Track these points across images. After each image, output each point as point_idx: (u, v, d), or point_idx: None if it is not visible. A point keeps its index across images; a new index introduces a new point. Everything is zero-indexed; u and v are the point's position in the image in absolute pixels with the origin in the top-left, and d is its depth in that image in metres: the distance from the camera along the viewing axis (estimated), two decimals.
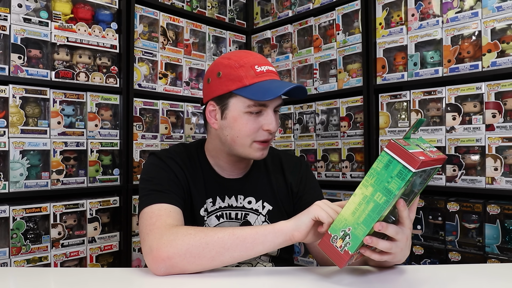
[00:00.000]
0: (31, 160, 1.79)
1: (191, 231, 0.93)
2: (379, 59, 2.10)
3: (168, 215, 1.02)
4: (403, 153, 0.73)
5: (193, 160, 1.21)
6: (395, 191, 0.74)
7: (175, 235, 0.92)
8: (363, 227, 0.78)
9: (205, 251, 0.89)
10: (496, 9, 1.73)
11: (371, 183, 0.77)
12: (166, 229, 0.95)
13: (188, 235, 0.91)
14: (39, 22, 1.80)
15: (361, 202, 0.79)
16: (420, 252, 1.91)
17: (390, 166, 0.74)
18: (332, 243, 0.81)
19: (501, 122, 1.71)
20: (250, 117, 1.10)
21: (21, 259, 1.71)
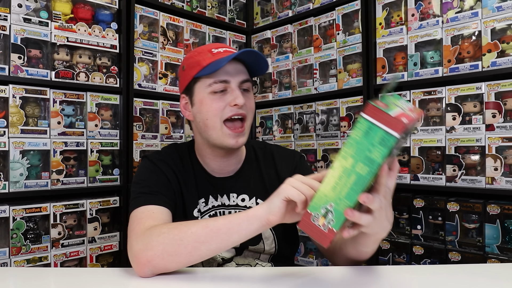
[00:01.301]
0: (31, 160, 1.79)
1: (165, 229, 0.91)
2: (379, 59, 2.10)
3: (150, 216, 1.01)
4: (384, 117, 0.65)
5: (185, 161, 1.21)
6: (379, 160, 0.68)
7: (149, 237, 0.91)
8: (346, 201, 0.72)
9: (180, 248, 0.87)
10: (496, 9, 1.73)
11: (351, 153, 0.68)
12: (142, 233, 0.94)
13: (161, 234, 0.90)
14: (39, 22, 1.80)
15: (341, 175, 0.70)
16: (420, 252, 1.91)
17: (371, 133, 0.66)
18: (314, 222, 0.74)
19: (501, 122, 1.71)
20: (215, 96, 1.09)
21: (21, 259, 1.71)
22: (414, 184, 1.95)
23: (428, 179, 1.90)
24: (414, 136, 1.95)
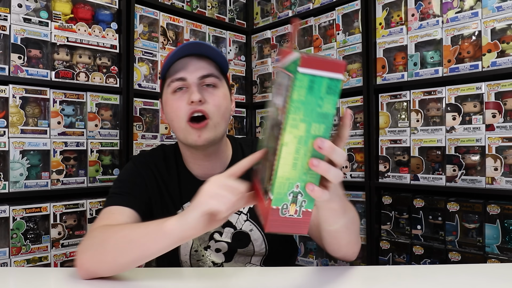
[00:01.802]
0: (31, 160, 1.79)
1: (97, 233, 0.89)
2: (379, 59, 2.10)
3: (108, 217, 1.00)
4: (322, 64, 0.59)
5: (170, 164, 1.17)
6: (332, 111, 0.61)
7: (84, 242, 0.90)
8: (312, 173, 0.63)
9: (103, 256, 0.85)
10: (496, 9, 1.73)
11: (300, 118, 0.60)
12: (87, 234, 0.93)
13: (92, 238, 0.89)
14: (39, 22, 1.80)
15: (298, 147, 0.61)
16: (420, 252, 1.91)
17: (315, 87, 0.59)
18: (284, 216, 0.64)
19: (501, 122, 1.71)
20: (175, 96, 1.05)
21: (21, 259, 1.71)
22: (414, 184, 1.95)
23: (428, 179, 1.90)
24: (414, 136, 1.95)
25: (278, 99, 0.64)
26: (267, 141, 0.70)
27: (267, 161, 0.67)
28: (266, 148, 0.70)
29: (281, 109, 0.62)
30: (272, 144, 0.65)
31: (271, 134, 0.66)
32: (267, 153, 0.69)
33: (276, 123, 0.64)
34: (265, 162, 0.69)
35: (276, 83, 0.68)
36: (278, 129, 0.62)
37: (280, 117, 0.62)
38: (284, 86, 0.62)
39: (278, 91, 0.66)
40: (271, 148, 0.66)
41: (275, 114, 0.65)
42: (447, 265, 1.65)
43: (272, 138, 0.65)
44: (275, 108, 0.65)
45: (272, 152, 0.64)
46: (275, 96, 0.67)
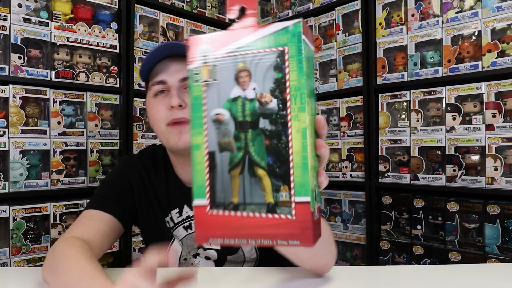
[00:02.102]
0: (31, 160, 1.79)
1: (58, 254, 0.88)
2: (379, 59, 2.10)
3: (86, 222, 0.99)
4: (307, 31, 0.53)
5: (159, 167, 1.13)
6: (314, 86, 0.55)
7: (47, 257, 0.91)
8: (315, 162, 0.55)
9: (51, 285, 0.87)
10: (496, 9, 1.73)
11: (308, 94, 0.51)
12: (57, 243, 0.92)
13: (53, 258, 0.89)
14: (39, 22, 1.80)
15: (312, 129, 0.52)
16: (420, 252, 1.91)
17: (311, 58, 0.53)
18: (316, 219, 0.53)
19: (501, 122, 1.71)
20: (156, 99, 1.01)
21: (21, 259, 1.71)
22: (414, 184, 1.95)
23: (428, 179, 1.90)
24: (414, 136, 1.95)
25: (250, 86, 0.52)
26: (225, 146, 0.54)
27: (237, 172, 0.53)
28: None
29: (266, 95, 0.51)
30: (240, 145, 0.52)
31: (242, 135, 0.52)
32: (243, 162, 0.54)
33: (256, 114, 0.52)
34: (234, 178, 0.53)
35: (240, 67, 0.52)
36: (271, 119, 0.50)
37: (271, 105, 0.50)
38: (266, 65, 0.51)
39: (243, 76, 0.52)
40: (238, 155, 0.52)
41: (249, 106, 0.52)
42: (447, 265, 1.65)
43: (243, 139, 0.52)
44: (245, 99, 0.52)
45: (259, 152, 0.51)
46: (238, 84, 0.52)
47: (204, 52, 0.53)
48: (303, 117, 0.50)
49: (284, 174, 0.50)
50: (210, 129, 0.52)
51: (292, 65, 0.49)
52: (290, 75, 0.50)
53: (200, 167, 0.52)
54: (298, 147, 0.50)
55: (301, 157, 0.50)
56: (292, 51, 0.49)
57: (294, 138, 0.50)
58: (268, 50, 0.51)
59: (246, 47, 0.51)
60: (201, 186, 0.52)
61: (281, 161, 0.50)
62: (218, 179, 0.52)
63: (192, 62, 0.54)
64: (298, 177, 0.50)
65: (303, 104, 0.50)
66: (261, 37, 0.51)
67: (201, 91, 0.52)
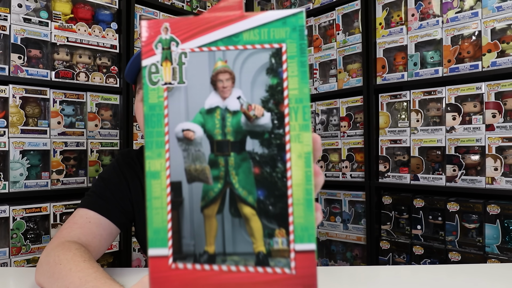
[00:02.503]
0: (31, 160, 1.79)
1: (54, 259, 0.86)
2: (379, 59, 2.10)
3: (82, 225, 0.97)
4: None
5: None
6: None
7: (41, 262, 0.89)
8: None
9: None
10: (496, 9, 1.73)
11: (302, 124, 0.38)
12: (55, 245, 0.91)
13: (47, 263, 0.87)
14: (39, 22, 1.80)
15: (307, 169, 0.39)
16: (420, 252, 1.91)
17: (306, 56, 0.38)
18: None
19: (501, 122, 1.71)
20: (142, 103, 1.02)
21: (21, 259, 1.71)
22: (414, 184, 1.95)
23: (428, 179, 1.90)
24: (414, 136, 1.95)
25: (233, 93, 0.39)
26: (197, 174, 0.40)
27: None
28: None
29: (255, 106, 0.39)
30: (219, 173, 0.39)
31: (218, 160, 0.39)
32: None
33: (244, 130, 0.39)
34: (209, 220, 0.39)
35: (219, 67, 0.39)
36: (263, 139, 0.38)
37: (262, 120, 0.38)
38: (256, 66, 0.39)
39: (223, 80, 0.39)
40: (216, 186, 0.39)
41: (232, 121, 0.39)
42: (447, 265, 1.65)
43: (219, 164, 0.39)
44: (225, 112, 0.39)
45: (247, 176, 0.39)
46: (217, 92, 0.39)
47: (166, 43, 0.39)
48: (306, 138, 0.38)
49: (280, 213, 0.38)
50: (174, 151, 0.38)
51: (292, 68, 0.38)
52: (290, 81, 0.38)
53: (158, 203, 0.38)
54: (300, 178, 0.38)
55: (303, 191, 0.38)
56: (292, 50, 0.38)
57: (295, 166, 0.38)
58: (258, 46, 0.38)
59: (228, 39, 0.38)
60: (160, 230, 0.38)
61: (276, 196, 0.38)
62: (186, 220, 0.38)
63: (147, 57, 0.39)
64: (300, 217, 0.38)
65: (307, 121, 0.38)
66: (249, 28, 0.38)
67: (161, 98, 0.38)
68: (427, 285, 0.90)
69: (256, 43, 0.38)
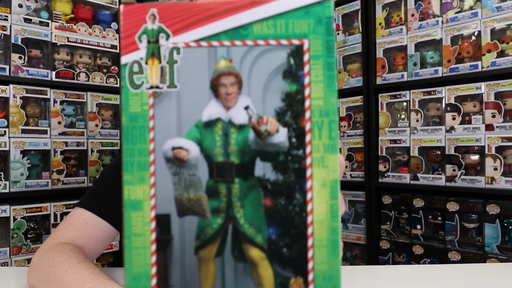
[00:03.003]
0: (31, 160, 1.79)
1: (47, 261, 0.84)
2: (379, 59, 2.10)
3: (78, 227, 0.95)
4: None
5: None
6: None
7: (33, 264, 0.87)
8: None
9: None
10: (495, 9, 1.73)
11: (328, 144, 0.30)
12: (44, 250, 0.88)
13: (40, 267, 0.85)
14: (39, 22, 1.81)
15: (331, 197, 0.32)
16: (420, 252, 1.91)
17: (335, 56, 0.32)
18: None
19: (501, 122, 1.71)
20: None
21: (22, 258, 1.72)
22: (414, 184, 1.96)
23: (428, 179, 1.90)
24: (414, 136, 1.96)
25: (239, 102, 0.31)
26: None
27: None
28: None
29: (268, 119, 0.30)
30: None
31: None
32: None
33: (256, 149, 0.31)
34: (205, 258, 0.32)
35: (222, 67, 0.31)
36: (277, 162, 0.31)
37: (276, 138, 0.31)
38: (269, 68, 0.31)
39: (227, 85, 0.31)
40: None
41: (238, 138, 0.31)
42: (446, 264, 1.65)
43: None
44: (229, 125, 0.31)
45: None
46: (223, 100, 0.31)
47: (153, 35, 0.31)
48: (332, 162, 0.30)
49: (296, 257, 0.30)
50: (162, 175, 0.30)
51: (316, 72, 0.30)
52: (313, 88, 0.30)
53: (139, 241, 0.30)
54: (324, 213, 0.30)
55: (327, 230, 0.30)
56: (317, 48, 0.30)
57: (317, 197, 0.30)
58: (273, 42, 0.30)
59: (234, 32, 0.30)
60: (141, 276, 0.30)
61: (293, 235, 0.30)
62: (175, 265, 0.30)
63: (128, 52, 0.31)
64: (322, 263, 0.30)
65: (334, 140, 0.30)
66: (262, 18, 0.30)
67: (146, 106, 0.30)
68: (427, 284, 0.90)
69: (270, 38, 0.30)
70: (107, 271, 1.11)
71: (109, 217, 0.98)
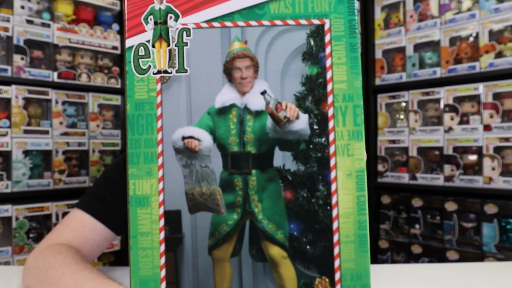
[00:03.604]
0: (33, 160, 1.80)
1: (42, 263, 0.82)
2: (378, 60, 2.11)
3: (75, 228, 0.93)
4: None
5: None
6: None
7: (29, 266, 0.85)
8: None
9: None
10: (493, 11, 1.74)
11: (353, 130, 0.29)
12: (39, 251, 0.87)
13: (35, 269, 0.83)
14: (41, 23, 1.82)
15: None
16: (418, 251, 1.93)
17: (358, 36, 0.31)
18: None
19: (499, 123, 1.73)
20: None
21: (24, 258, 1.73)
22: (412, 183, 1.97)
23: (427, 179, 1.92)
24: (413, 136, 1.97)
25: (256, 87, 0.28)
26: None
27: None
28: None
29: (287, 105, 0.27)
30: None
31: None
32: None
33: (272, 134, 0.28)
34: None
35: (236, 49, 0.28)
36: (298, 152, 0.28)
37: (297, 125, 0.28)
38: (288, 49, 0.28)
39: (242, 68, 0.29)
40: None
41: (254, 126, 0.28)
42: (445, 263, 1.66)
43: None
44: (244, 112, 0.28)
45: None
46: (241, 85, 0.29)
47: (161, 16, 0.27)
48: (358, 150, 0.27)
49: (321, 255, 0.27)
50: (171, 168, 0.27)
51: (338, 53, 0.27)
52: (335, 71, 0.27)
53: (147, 241, 0.26)
54: (350, 205, 0.27)
55: (355, 224, 0.27)
56: (339, 28, 0.27)
57: (343, 188, 0.27)
58: (292, 22, 0.27)
59: (248, 11, 0.27)
60: (148, 281, 0.26)
61: (317, 230, 0.27)
62: (187, 266, 0.27)
63: (133, 34, 0.27)
64: (350, 261, 0.27)
65: (359, 126, 0.27)
66: None
67: (153, 92, 0.27)
68: (425, 283, 0.91)
69: (288, 17, 0.27)
70: (108, 270, 1.12)
71: (107, 220, 0.96)
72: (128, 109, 0.28)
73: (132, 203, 0.27)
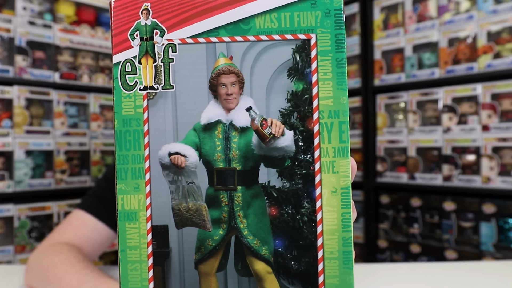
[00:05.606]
0: (35, 160, 1.81)
1: (44, 262, 0.83)
2: (377, 61, 2.13)
3: (76, 228, 0.94)
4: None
5: None
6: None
7: (31, 265, 0.86)
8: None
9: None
10: (491, 12, 1.76)
11: (338, 147, 0.29)
12: (42, 250, 0.88)
13: (38, 267, 0.84)
14: (43, 24, 1.83)
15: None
16: (417, 250, 1.94)
17: (345, 51, 0.30)
18: None
19: (497, 123, 1.74)
20: None
21: (26, 257, 1.74)
22: (411, 183, 1.98)
23: (425, 178, 1.93)
24: (412, 137, 1.98)
25: (241, 103, 0.29)
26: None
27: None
28: None
29: (273, 121, 0.28)
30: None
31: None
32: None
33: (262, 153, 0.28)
34: None
35: (221, 65, 0.29)
36: (283, 168, 0.28)
37: (282, 141, 0.28)
38: (273, 65, 0.28)
39: (227, 84, 0.29)
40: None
41: (240, 143, 0.29)
42: (443, 262, 1.68)
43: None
44: (229, 129, 0.29)
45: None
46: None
47: (147, 32, 0.28)
48: (344, 167, 0.28)
49: (306, 271, 0.27)
50: (158, 183, 0.28)
51: (324, 68, 0.27)
52: (321, 87, 0.27)
53: (135, 255, 0.27)
54: (335, 222, 0.27)
55: (339, 241, 0.27)
56: (325, 43, 0.27)
57: (328, 205, 0.28)
58: (277, 37, 0.27)
59: (234, 27, 0.27)
60: None
61: (301, 247, 0.27)
62: (174, 280, 0.27)
63: (120, 50, 0.29)
64: (333, 277, 0.27)
65: (345, 143, 0.28)
66: (265, 11, 0.27)
67: (140, 108, 0.28)
68: (424, 282, 0.92)
69: (273, 32, 0.27)
70: (109, 270, 1.13)
71: (109, 220, 0.98)
72: (116, 125, 0.29)
73: (120, 218, 0.27)
